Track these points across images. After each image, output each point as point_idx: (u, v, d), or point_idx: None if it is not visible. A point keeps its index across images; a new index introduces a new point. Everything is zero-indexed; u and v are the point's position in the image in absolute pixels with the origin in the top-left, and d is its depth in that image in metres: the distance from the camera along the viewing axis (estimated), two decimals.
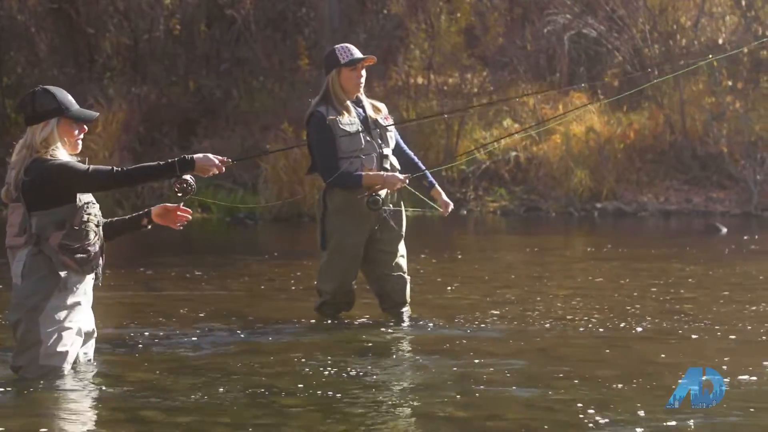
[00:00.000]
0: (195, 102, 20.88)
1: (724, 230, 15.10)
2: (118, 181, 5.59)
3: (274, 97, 20.45)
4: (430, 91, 20.07)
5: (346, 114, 7.26)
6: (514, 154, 18.66)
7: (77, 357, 5.67)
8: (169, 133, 20.02)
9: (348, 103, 7.31)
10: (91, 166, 5.53)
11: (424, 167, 7.62)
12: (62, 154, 5.57)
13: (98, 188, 5.63)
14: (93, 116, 5.82)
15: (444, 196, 7.58)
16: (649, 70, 17.76)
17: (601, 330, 7.19)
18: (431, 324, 7.43)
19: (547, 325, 7.36)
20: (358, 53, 7.33)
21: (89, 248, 5.56)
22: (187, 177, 5.72)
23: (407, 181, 7.32)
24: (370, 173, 7.21)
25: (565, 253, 12.84)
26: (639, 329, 7.19)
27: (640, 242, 14.10)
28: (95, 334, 5.83)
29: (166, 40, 21.61)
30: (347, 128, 7.22)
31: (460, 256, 12.33)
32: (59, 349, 5.51)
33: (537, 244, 13.54)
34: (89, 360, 5.78)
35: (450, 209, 7.60)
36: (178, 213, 5.90)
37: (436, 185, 7.60)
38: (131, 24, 21.67)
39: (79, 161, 5.64)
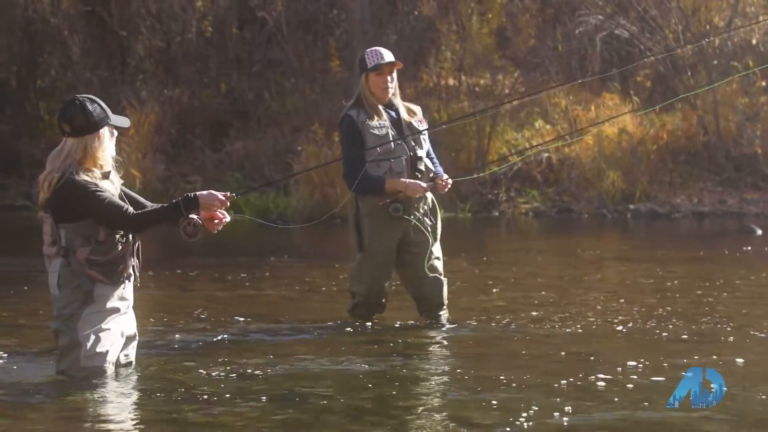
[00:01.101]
0: (227, 104, 20.94)
1: (759, 231, 14.98)
2: (128, 221, 5.54)
3: (305, 98, 20.48)
4: (461, 92, 20.03)
5: (376, 117, 7.26)
6: (546, 155, 18.60)
7: (118, 359, 5.73)
8: (201, 135, 20.09)
9: (379, 106, 7.30)
10: (110, 197, 5.51)
11: (439, 170, 7.50)
12: (107, 166, 5.61)
13: (109, 221, 5.54)
14: (127, 123, 5.87)
15: (441, 176, 7.38)
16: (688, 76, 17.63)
17: (634, 332, 7.17)
18: (467, 326, 7.42)
19: (580, 328, 7.34)
20: (387, 57, 7.30)
21: (117, 260, 5.60)
22: (194, 217, 5.62)
23: (429, 189, 7.30)
24: (393, 180, 7.21)
25: (597, 255, 12.78)
26: (672, 331, 7.16)
27: (673, 244, 14.02)
28: (137, 338, 5.89)
29: (197, 42, 21.68)
30: (376, 131, 7.23)
31: (492, 258, 12.30)
32: (99, 350, 5.58)
33: (569, 246, 13.49)
34: (130, 362, 5.84)
35: (444, 181, 7.34)
36: (214, 222, 5.78)
37: (439, 173, 7.42)
38: (163, 26, 21.76)
39: (108, 173, 5.64)
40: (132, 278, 5.71)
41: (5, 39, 21.73)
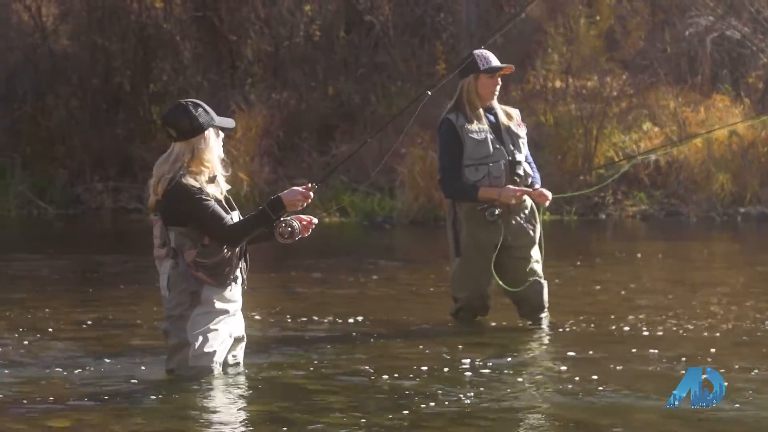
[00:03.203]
0: (334, 107, 21.05)
1: None
2: (224, 234, 5.61)
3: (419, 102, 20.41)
4: (568, 94, 19.86)
5: (475, 121, 7.26)
6: (654, 157, 18.32)
7: (226, 360, 5.82)
8: (308, 139, 20.24)
9: (479, 110, 7.31)
10: (213, 207, 5.59)
11: (536, 177, 7.48)
12: (217, 169, 5.70)
13: (208, 231, 5.61)
14: (232, 124, 5.94)
15: (538, 188, 7.35)
16: None
17: (742, 337, 7.05)
18: (569, 329, 7.38)
19: (686, 331, 7.24)
20: (496, 61, 7.33)
21: (223, 263, 5.67)
22: (288, 219, 5.66)
23: (524, 194, 7.26)
24: (487, 188, 7.19)
25: (706, 259, 12.58)
26: None
27: None
28: (245, 339, 5.96)
29: (305, 46, 21.84)
30: (475, 135, 7.22)
31: (598, 261, 12.19)
32: (206, 350, 5.67)
33: (677, 249, 13.30)
34: (238, 363, 5.92)
35: (545, 197, 7.32)
36: (303, 224, 5.77)
37: (536, 185, 7.41)
38: (272, 31, 21.97)
39: (215, 177, 5.75)
40: (239, 280, 5.79)
41: (119, 44, 22.18)
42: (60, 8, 23.10)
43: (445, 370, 6.10)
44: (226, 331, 5.75)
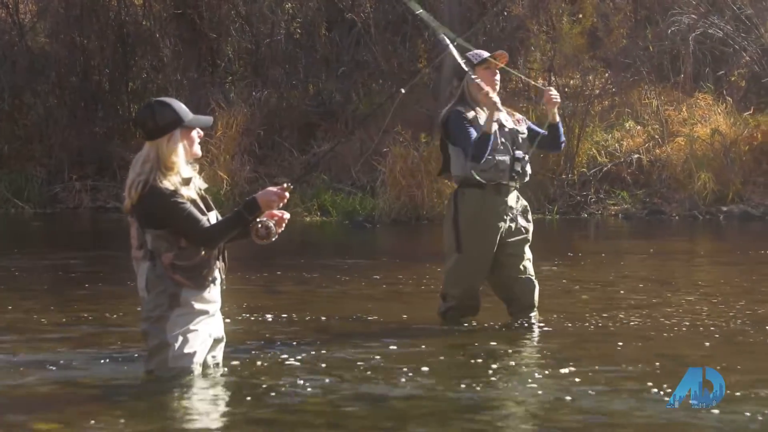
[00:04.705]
0: (315, 105, 21.00)
1: None
2: (200, 237, 5.54)
3: (392, 100, 20.35)
4: None
5: (483, 114, 7.24)
6: (636, 156, 18.32)
7: (206, 361, 5.77)
8: (289, 137, 20.17)
9: (483, 106, 7.26)
10: (189, 210, 5.52)
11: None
12: (183, 171, 5.60)
13: (184, 234, 5.55)
14: (209, 122, 5.82)
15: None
16: None
17: (726, 335, 7.05)
18: (555, 328, 7.37)
19: (669, 330, 7.24)
20: (486, 54, 7.35)
21: (201, 265, 5.61)
22: (264, 219, 5.61)
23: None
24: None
25: (688, 258, 12.58)
26: (765, 334, 6.99)
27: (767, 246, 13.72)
28: (224, 340, 5.92)
29: (286, 43, 21.79)
30: (486, 128, 7.20)
31: (581, 260, 12.16)
32: (186, 350, 5.61)
33: (660, 248, 13.29)
34: (217, 363, 5.87)
35: (552, 96, 7.41)
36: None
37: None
38: (253, 28, 21.91)
39: (189, 179, 5.64)
40: (218, 281, 5.73)
41: (98, 42, 22.06)
42: (38, 5, 22.97)
43: (431, 370, 6.05)
44: (206, 331, 5.71)
